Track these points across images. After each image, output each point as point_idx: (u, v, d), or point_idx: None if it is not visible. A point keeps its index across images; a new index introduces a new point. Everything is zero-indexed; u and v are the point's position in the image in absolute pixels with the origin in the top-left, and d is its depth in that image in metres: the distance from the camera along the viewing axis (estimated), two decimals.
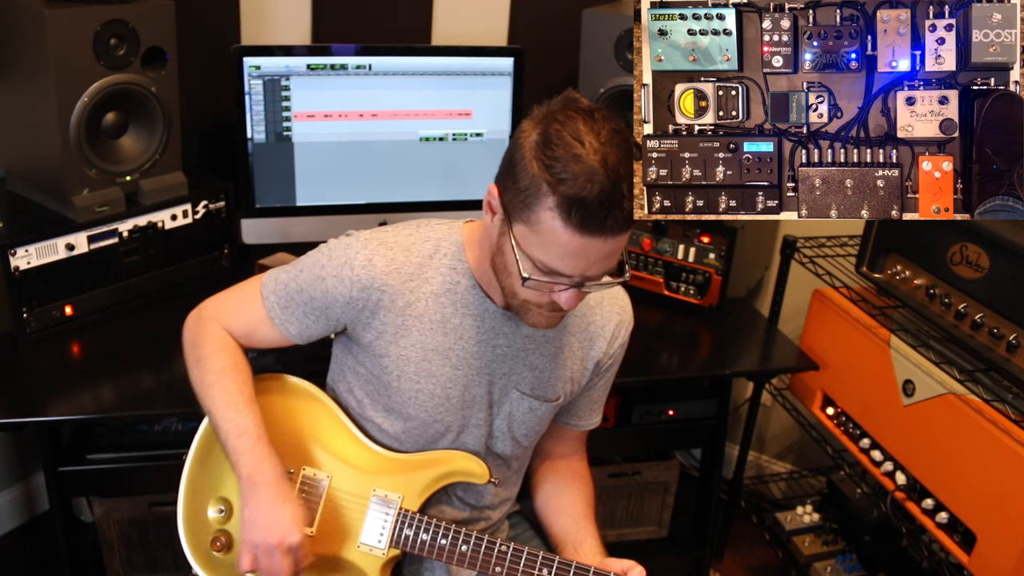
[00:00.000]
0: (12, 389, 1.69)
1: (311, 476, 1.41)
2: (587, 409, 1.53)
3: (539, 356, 1.40)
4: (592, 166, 1.11)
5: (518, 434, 1.44)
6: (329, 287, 1.33)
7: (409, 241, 1.35)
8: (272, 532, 1.27)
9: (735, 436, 2.53)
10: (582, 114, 1.16)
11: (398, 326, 1.34)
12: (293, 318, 1.38)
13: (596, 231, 1.12)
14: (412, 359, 1.35)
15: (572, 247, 1.14)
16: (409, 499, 1.40)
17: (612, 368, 1.50)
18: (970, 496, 1.65)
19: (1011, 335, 1.58)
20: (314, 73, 2.00)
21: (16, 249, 1.73)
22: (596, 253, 1.16)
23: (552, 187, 1.11)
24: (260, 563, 1.29)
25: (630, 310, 1.48)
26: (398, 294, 1.32)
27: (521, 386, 1.40)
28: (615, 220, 1.12)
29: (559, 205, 1.11)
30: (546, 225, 1.13)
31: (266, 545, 1.28)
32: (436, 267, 1.34)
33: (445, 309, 1.34)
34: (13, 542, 2.33)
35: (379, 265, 1.32)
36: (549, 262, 1.16)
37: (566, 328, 1.41)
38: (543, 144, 1.13)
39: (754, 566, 2.47)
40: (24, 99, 1.81)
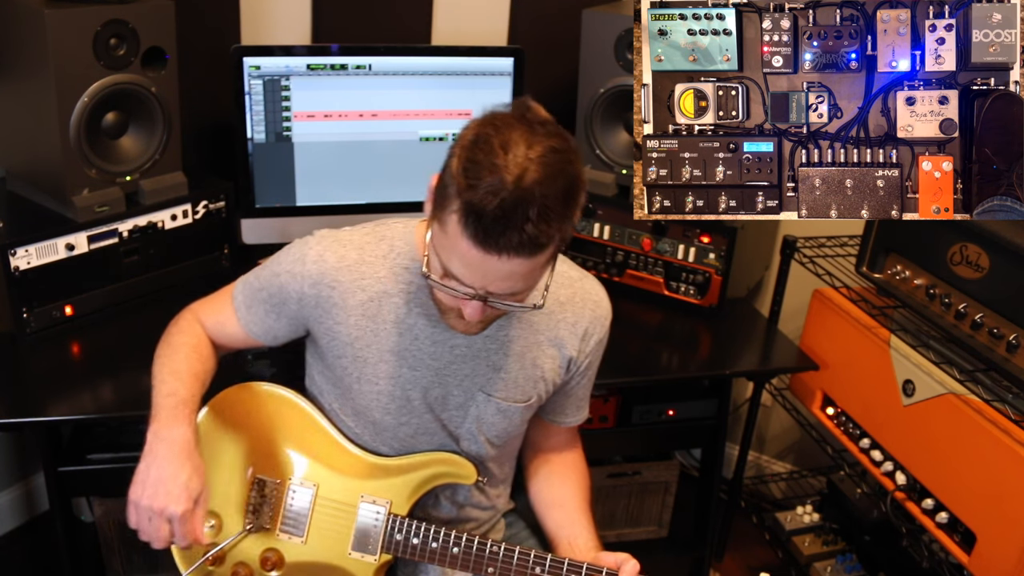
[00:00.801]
0: (12, 389, 1.69)
1: (298, 486, 1.40)
2: (573, 407, 1.51)
3: (502, 356, 1.36)
4: (502, 178, 1.04)
5: (490, 436, 1.42)
6: (284, 283, 1.34)
7: (364, 240, 1.34)
8: (156, 496, 1.22)
9: (735, 436, 2.53)
10: (524, 124, 1.09)
11: (352, 326, 1.32)
12: (255, 317, 1.39)
13: (491, 247, 1.06)
14: (369, 360, 1.34)
15: (470, 258, 1.08)
16: (398, 504, 1.40)
17: (592, 366, 1.46)
18: (970, 496, 1.65)
19: (1011, 335, 1.58)
20: (314, 73, 2.00)
21: (16, 249, 1.73)
22: (495, 271, 1.09)
23: (460, 191, 1.06)
24: (140, 524, 1.24)
25: (605, 304, 1.43)
26: (349, 292, 1.31)
27: (486, 388, 1.37)
28: (509, 241, 1.05)
29: (459, 210, 1.06)
30: (451, 228, 1.08)
31: (147, 507, 1.22)
32: (390, 267, 1.32)
33: (399, 309, 1.32)
34: (13, 542, 2.33)
35: (330, 261, 1.31)
36: (450, 267, 1.12)
37: (533, 327, 1.37)
38: (471, 145, 1.08)
39: (754, 566, 2.47)
40: (24, 99, 1.81)
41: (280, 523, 1.40)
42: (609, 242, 2.18)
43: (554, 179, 1.06)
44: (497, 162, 1.05)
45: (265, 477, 1.40)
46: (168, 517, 1.22)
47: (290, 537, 1.40)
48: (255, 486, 1.40)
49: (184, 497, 1.22)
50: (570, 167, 1.09)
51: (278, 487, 1.40)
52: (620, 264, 2.18)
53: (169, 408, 1.28)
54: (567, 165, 1.08)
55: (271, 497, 1.40)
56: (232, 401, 1.43)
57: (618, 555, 1.36)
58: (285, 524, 1.40)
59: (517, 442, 1.53)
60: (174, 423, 1.27)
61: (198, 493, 1.25)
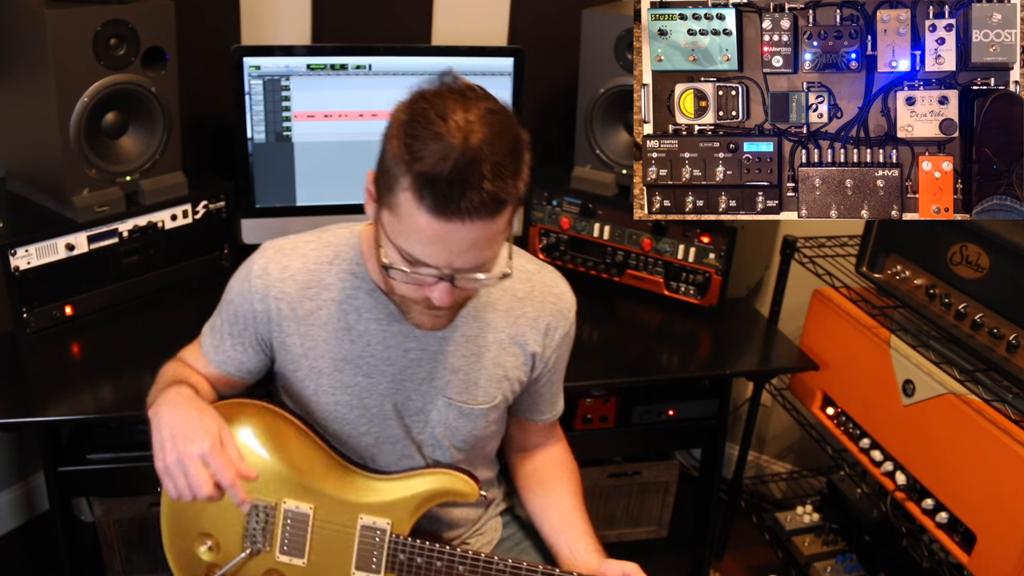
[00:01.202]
0: (12, 389, 1.69)
1: (294, 508, 1.35)
2: (546, 403, 1.48)
3: (461, 358, 1.33)
4: (449, 143, 1.02)
5: (455, 441, 1.39)
6: (237, 306, 1.33)
7: (308, 248, 1.31)
8: (176, 447, 1.15)
9: (735, 436, 2.53)
10: (454, 93, 1.07)
11: (304, 336, 1.30)
12: (224, 355, 1.37)
13: (452, 214, 1.03)
14: (325, 371, 1.32)
15: (430, 233, 1.06)
16: (399, 523, 1.36)
17: (560, 360, 1.43)
18: (970, 496, 1.65)
19: (1011, 335, 1.58)
20: (314, 73, 2.00)
21: (16, 249, 1.73)
22: (458, 241, 1.06)
23: (408, 166, 1.04)
24: (178, 484, 1.15)
25: (568, 297, 1.39)
26: (297, 302, 1.29)
27: (446, 391, 1.34)
28: (471, 202, 1.02)
29: (412, 185, 1.04)
30: (404, 209, 1.06)
31: (176, 461, 1.15)
32: (336, 273, 1.30)
33: (348, 316, 1.30)
34: (13, 542, 2.33)
35: (273, 273, 1.29)
36: (411, 250, 1.09)
37: (490, 325, 1.33)
38: (408, 123, 1.06)
39: (754, 566, 2.47)
40: (24, 99, 1.81)
41: (279, 546, 1.36)
42: (609, 242, 2.18)
43: (499, 137, 1.05)
44: (439, 130, 1.03)
45: (257, 501, 1.35)
46: (200, 457, 1.14)
47: (291, 559, 1.36)
48: (249, 511, 1.35)
49: (203, 433, 1.16)
50: (511, 125, 1.08)
51: (272, 511, 1.35)
52: (620, 264, 2.18)
53: (161, 390, 1.27)
54: (508, 123, 1.08)
55: (265, 521, 1.36)
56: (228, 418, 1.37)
57: (624, 565, 1.33)
58: (284, 546, 1.36)
59: (490, 444, 1.49)
60: (166, 390, 1.24)
61: (217, 430, 1.18)
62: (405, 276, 1.13)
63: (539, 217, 2.25)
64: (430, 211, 1.04)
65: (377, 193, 1.13)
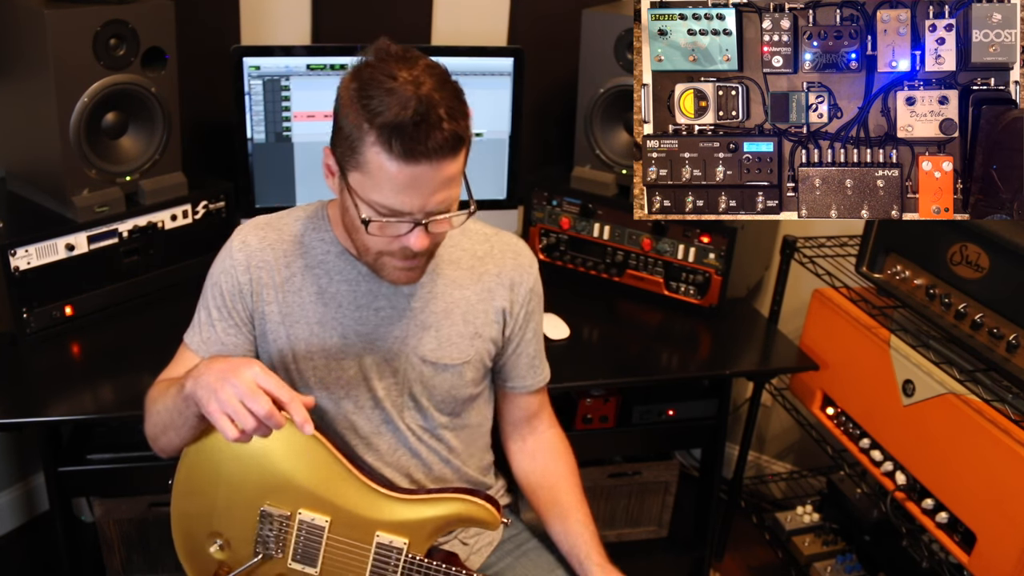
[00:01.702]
0: (12, 389, 1.69)
1: (309, 520, 1.34)
2: (527, 367, 1.50)
3: (430, 315, 1.38)
4: (404, 94, 1.12)
5: (435, 401, 1.41)
6: (222, 285, 1.37)
7: (281, 222, 1.39)
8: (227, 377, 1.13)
9: (735, 436, 2.53)
10: (393, 57, 1.17)
11: (281, 303, 1.36)
12: (217, 345, 1.37)
13: (421, 156, 1.13)
14: (301, 336, 1.36)
15: (403, 179, 1.15)
16: (415, 544, 1.36)
17: (531, 318, 1.47)
18: (970, 496, 1.65)
19: (1011, 335, 1.58)
20: (314, 73, 2.00)
21: (16, 249, 1.73)
22: (429, 182, 1.16)
23: (370, 122, 1.13)
24: (238, 413, 1.11)
25: (527, 253, 1.46)
26: (275, 269, 1.36)
27: (420, 350, 1.38)
28: (436, 141, 1.13)
29: (379, 138, 1.13)
30: (374, 163, 1.15)
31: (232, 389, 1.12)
32: (308, 242, 1.37)
33: (320, 280, 1.36)
34: (13, 542, 2.33)
35: (253, 243, 1.36)
36: (385, 201, 1.17)
37: (455, 283, 1.39)
38: (359, 89, 1.15)
39: (754, 566, 2.47)
40: (24, 99, 1.81)
41: (291, 554, 1.36)
42: (609, 242, 2.18)
43: (444, 85, 1.16)
44: (391, 86, 1.13)
45: (272, 509, 1.34)
46: (252, 379, 1.12)
47: (303, 568, 1.36)
48: (262, 518, 1.35)
49: (248, 363, 1.15)
50: (449, 75, 1.19)
51: (287, 520, 1.34)
52: (620, 264, 2.18)
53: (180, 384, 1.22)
54: (446, 74, 1.19)
55: (279, 530, 1.35)
56: None
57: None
58: (296, 555, 1.36)
59: (476, 418, 1.49)
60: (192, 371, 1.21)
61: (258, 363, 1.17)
62: (382, 228, 1.20)
63: (539, 217, 2.25)
64: (400, 158, 1.13)
65: (339, 162, 1.22)
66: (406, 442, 1.42)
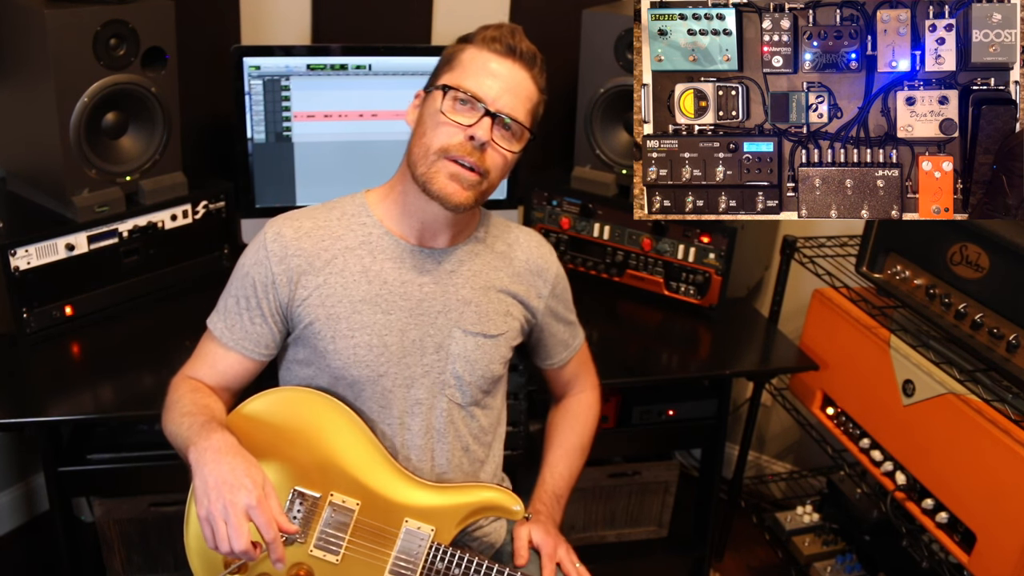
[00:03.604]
0: (12, 389, 1.69)
1: (340, 503, 1.35)
2: (561, 343, 1.59)
3: (470, 290, 1.43)
4: (496, 24, 1.35)
5: (474, 377, 1.43)
6: (254, 276, 1.38)
7: (315, 211, 1.43)
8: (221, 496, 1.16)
9: (735, 436, 2.53)
10: None
11: (321, 285, 1.37)
12: (241, 332, 1.39)
13: (511, 53, 1.32)
14: (342, 315, 1.37)
15: (493, 68, 1.32)
16: (442, 531, 1.37)
17: (559, 300, 1.55)
18: (970, 496, 1.65)
19: (1011, 335, 1.58)
20: (314, 73, 2.00)
21: (16, 249, 1.73)
22: (509, 79, 1.32)
23: (471, 40, 1.35)
24: (218, 533, 1.15)
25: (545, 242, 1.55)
26: (314, 255, 1.38)
27: (462, 323, 1.42)
28: (520, 47, 1.33)
29: (480, 41, 1.34)
30: (469, 56, 1.34)
31: (220, 510, 1.15)
32: (347, 225, 1.41)
33: (363, 259, 1.39)
34: (13, 542, 2.33)
35: (288, 234, 1.38)
36: (469, 84, 1.31)
37: (491, 264, 1.46)
38: (457, 41, 1.38)
39: (754, 566, 2.47)
40: (24, 99, 1.81)
41: (314, 540, 1.35)
42: (609, 242, 2.18)
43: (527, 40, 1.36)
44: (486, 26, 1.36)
45: (304, 490, 1.35)
46: (244, 509, 1.16)
47: (324, 555, 1.36)
48: (293, 498, 1.35)
49: (251, 485, 1.17)
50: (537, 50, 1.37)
51: (317, 502, 1.35)
52: (620, 264, 2.18)
53: (196, 429, 1.26)
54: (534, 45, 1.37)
55: (308, 512, 1.35)
56: (280, 403, 1.39)
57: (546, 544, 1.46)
58: (319, 541, 1.35)
59: (499, 402, 1.54)
60: (209, 434, 1.24)
61: (262, 480, 1.20)
62: (455, 109, 1.32)
63: (539, 217, 2.25)
64: (496, 51, 1.33)
65: (426, 88, 1.38)
66: (439, 421, 1.43)
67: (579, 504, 2.18)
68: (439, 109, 1.32)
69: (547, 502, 1.51)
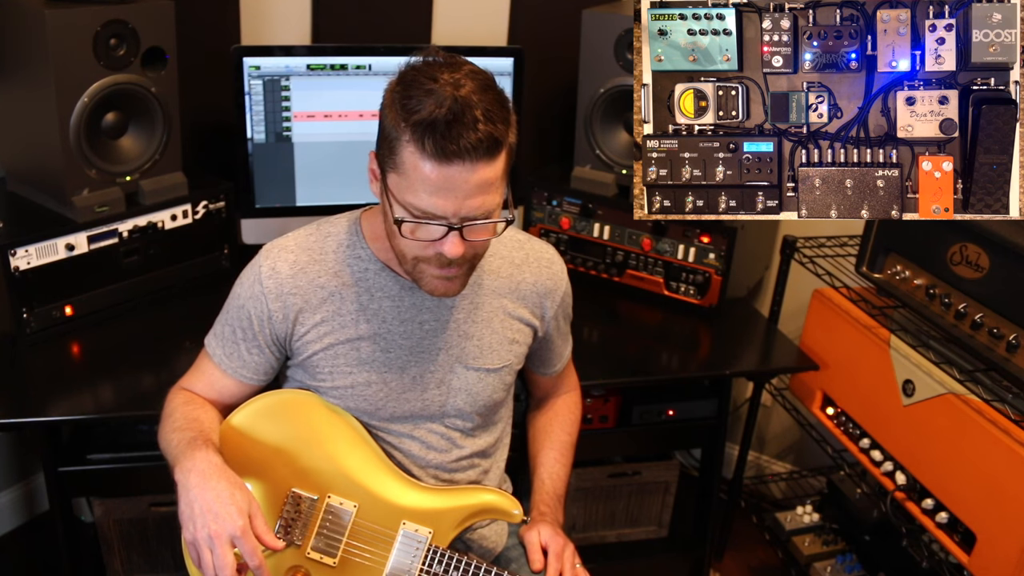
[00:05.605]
0: (12, 389, 1.69)
1: (336, 505, 1.35)
2: (556, 355, 1.57)
3: (473, 324, 1.39)
4: (441, 95, 1.12)
5: (476, 408, 1.42)
6: (250, 310, 1.35)
7: (309, 241, 1.36)
8: (207, 524, 1.16)
9: (735, 436, 2.53)
10: (438, 63, 1.17)
11: (319, 323, 1.34)
12: (239, 361, 1.38)
13: (454, 156, 1.12)
14: (341, 352, 1.35)
15: (436, 179, 1.13)
16: (440, 534, 1.37)
17: (560, 317, 1.51)
18: (970, 496, 1.65)
19: (1011, 335, 1.58)
20: (314, 73, 2.00)
21: (16, 249, 1.73)
22: (463, 184, 1.14)
23: (406, 121, 1.13)
24: (204, 560, 1.17)
25: (558, 260, 1.48)
26: (311, 292, 1.33)
27: (463, 359, 1.39)
28: (469, 141, 1.11)
29: (413, 136, 1.13)
30: (409, 163, 1.14)
31: (206, 539, 1.16)
32: (342, 260, 1.35)
33: (361, 297, 1.34)
34: (13, 542, 2.33)
35: (283, 271, 1.33)
36: (419, 203, 1.16)
37: (495, 291, 1.40)
38: (401, 91, 1.16)
39: (754, 566, 2.47)
40: (24, 99, 1.81)
41: (311, 542, 1.35)
42: (609, 242, 2.18)
43: (485, 89, 1.15)
44: (431, 87, 1.13)
45: (301, 492, 1.35)
46: (229, 539, 1.16)
47: (322, 557, 1.35)
48: (289, 500, 1.35)
49: (235, 513, 1.17)
50: (494, 83, 1.18)
51: (314, 504, 1.35)
52: (620, 264, 2.18)
53: (183, 447, 1.26)
54: (491, 80, 1.18)
55: (305, 514, 1.35)
56: (278, 406, 1.39)
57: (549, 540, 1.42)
58: (317, 544, 1.35)
59: (500, 410, 1.53)
60: (193, 453, 1.23)
61: (248, 505, 1.20)
62: (415, 231, 1.19)
63: (539, 217, 2.25)
64: (433, 157, 1.12)
65: (380, 164, 1.22)
66: (440, 443, 1.43)
67: (579, 504, 2.19)
68: (399, 232, 1.20)
69: (550, 504, 1.50)
